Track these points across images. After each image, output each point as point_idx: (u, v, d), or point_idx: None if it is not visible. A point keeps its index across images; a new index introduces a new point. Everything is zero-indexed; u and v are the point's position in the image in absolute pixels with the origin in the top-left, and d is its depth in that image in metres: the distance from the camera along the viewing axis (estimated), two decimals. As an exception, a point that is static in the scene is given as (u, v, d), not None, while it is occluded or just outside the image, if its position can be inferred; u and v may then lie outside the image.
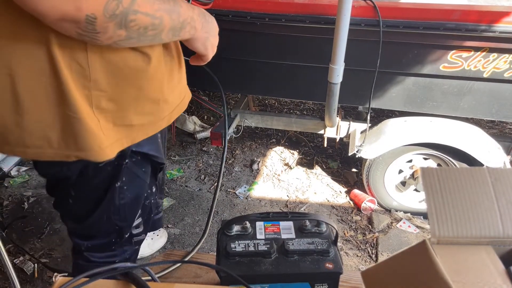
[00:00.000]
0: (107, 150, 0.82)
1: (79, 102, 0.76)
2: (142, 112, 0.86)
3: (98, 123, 0.80)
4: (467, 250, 0.57)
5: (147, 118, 0.88)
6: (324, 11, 1.90)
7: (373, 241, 2.20)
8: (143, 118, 0.87)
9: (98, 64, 0.75)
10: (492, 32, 1.78)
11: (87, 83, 0.76)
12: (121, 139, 0.86)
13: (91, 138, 0.79)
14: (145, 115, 0.88)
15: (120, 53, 0.77)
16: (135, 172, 0.96)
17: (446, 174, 0.61)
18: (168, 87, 0.91)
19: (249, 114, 2.59)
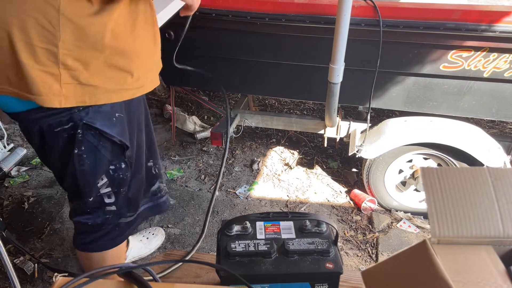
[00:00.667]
0: (55, 98, 0.96)
1: (41, 55, 0.92)
2: (106, 77, 1.00)
3: (59, 76, 0.95)
4: (467, 250, 0.57)
5: (110, 84, 1.02)
6: (324, 11, 1.90)
7: (373, 241, 2.20)
8: (108, 83, 1.01)
9: (68, 27, 0.91)
10: (492, 32, 1.78)
11: (56, 41, 0.92)
12: (83, 96, 0.99)
13: (44, 86, 0.94)
14: (110, 81, 1.01)
15: (88, 20, 0.93)
16: (94, 144, 1.08)
17: (446, 174, 0.61)
18: (134, 61, 1.04)
19: (249, 114, 2.59)
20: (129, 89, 1.07)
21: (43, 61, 0.93)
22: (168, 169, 2.73)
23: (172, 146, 2.98)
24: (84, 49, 0.95)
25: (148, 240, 2.06)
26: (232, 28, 2.04)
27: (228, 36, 2.10)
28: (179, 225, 2.28)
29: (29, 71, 0.93)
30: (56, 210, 2.34)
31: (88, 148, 1.07)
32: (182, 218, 2.33)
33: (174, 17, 1.53)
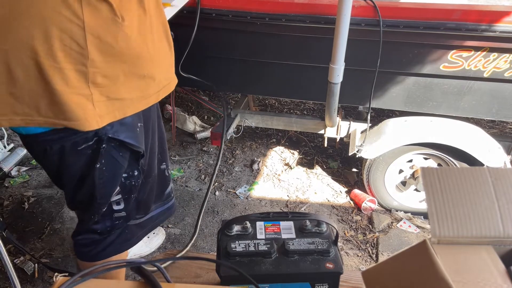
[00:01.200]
0: (93, 121, 0.94)
1: (72, 78, 0.89)
2: (132, 87, 0.99)
3: (90, 96, 0.92)
4: (468, 250, 0.57)
5: (135, 93, 1.00)
6: (324, 11, 1.90)
7: (374, 241, 2.20)
8: (132, 93, 0.99)
9: (95, 45, 0.88)
10: (492, 32, 1.78)
11: (84, 60, 0.89)
12: (113, 111, 0.97)
13: (79, 110, 0.91)
14: (134, 90, 0.99)
15: (113, 34, 0.90)
16: (113, 155, 1.05)
17: (446, 174, 0.61)
18: (155, 66, 1.03)
19: (249, 114, 2.59)
20: (152, 94, 1.06)
21: (74, 83, 0.90)
22: (168, 169, 2.73)
23: (172, 146, 2.98)
24: (111, 63, 0.93)
25: (149, 239, 2.06)
26: (232, 28, 2.04)
27: (228, 36, 2.10)
28: (179, 225, 2.28)
29: (62, 96, 0.89)
30: (56, 210, 2.34)
31: (108, 160, 1.05)
32: (182, 218, 2.33)
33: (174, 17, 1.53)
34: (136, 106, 1.02)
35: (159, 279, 0.67)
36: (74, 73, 0.89)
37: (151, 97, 1.06)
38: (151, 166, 1.24)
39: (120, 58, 0.93)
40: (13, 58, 0.85)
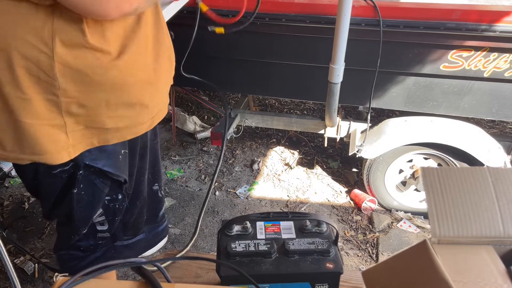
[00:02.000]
0: (64, 152, 0.87)
1: (42, 108, 0.81)
2: (115, 115, 0.89)
3: (64, 126, 0.85)
4: (468, 250, 0.57)
5: (123, 122, 0.91)
6: (324, 11, 1.90)
7: (374, 241, 2.20)
8: (119, 122, 0.91)
9: (67, 75, 0.80)
10: (492, 32, 1.78)
11: (55, 91, 0.81)
12: (91, 139, 0.90)
13: (48, 142, 0.84)
14: (121, 119, 0.91)
15: (87, 62, 0.81)
16: (92, 180, 0.98)
17: (446, 173, 0.61)
18: (148, 92, 0.94)
19: (250, 114, 2.59)
20: (145, 121, 0.97)
21: (45, 114, 0.82)
22: (168, 169, 2.73)
23: (172, 146, 2.98)
24: (88, 93, 0.84)
25: None
26: (232, 28, 2.04)
27: (228, 36, 2.10)
28: (179, 225, 2.28)
29: (29, 129, 0.81)
30: (56, 210, 2.34)
31: (86, 185, 0.98)
32: (182, 218, 2.33)
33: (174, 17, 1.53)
34: (123, 136, 0.94)
35: (159, 279, 0.67)
36: (44, 103, 0.81)
37: (143, 125, 0.96)
38: (138, 189, 1.15)
39: (99, 87, 0.85)
40: None
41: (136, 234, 1.25)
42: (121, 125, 0.92)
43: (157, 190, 1.25)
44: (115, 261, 0.69)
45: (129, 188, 1.10)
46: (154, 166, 1.19)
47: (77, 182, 0.96)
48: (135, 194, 1.14)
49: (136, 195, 1.15)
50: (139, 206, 1.18)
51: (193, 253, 1.88)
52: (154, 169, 1.20)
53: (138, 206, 1.18)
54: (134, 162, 1.07)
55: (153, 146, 1.15)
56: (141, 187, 1.15)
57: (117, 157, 0.98)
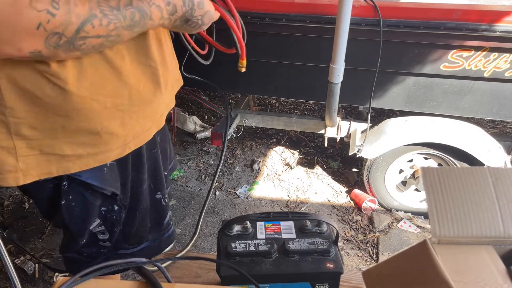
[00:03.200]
0: (10, 178, 0.81)
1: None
2: (75, 142, 0.83)
3: (13, 148, 0.79)
4: (468, 250, 0.57)
5: (85, 150, 0.85)
6: (324, 11, 1.90)
7: (374, 241, 2.20)
8: (79, 149, 0.84)
9: (13, 92, 0.74)
10: (492, 32, 1.77)
11: (3, 109, 0.75)
12: (48, 167, 0.84)
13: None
14: (81, 146, 0.84)
15: (36, 83, 0.73)
16: (81, 191, 0.94)
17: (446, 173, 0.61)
18: (115, 119, 0.86)
19: (250, 114, 2.59)
20: (114, 149, 0.89)
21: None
22: (169, 169, 2.73)
23: (172, 146, 2.98)
24: (41, 115, 0.77)
25: None
26: (232, 28, 2.04)
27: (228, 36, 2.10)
28: (179, 225, 2.28)
29: None
30: (56, 210, 2.35)
31: (76, 197, 0.94)
32: (183, 218, 2.34)
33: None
34: (86, 163, 0.87)
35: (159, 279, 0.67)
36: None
37: (111, 152, 0.89)
38: (137, 200, 1.10)
39: (53, 111, 0.77)
40: None
41: (140, 242, 1.22)
42: (83, 153, 0.85)
43: (161, 199, 1.21)
44: (115, 261, 0.69)
45: (124, 199, 1.05)
46: (155, 175, 1.15)
47: (63, 193, 0.92)
48: (134, 204, 1.10)
49: (135, 206, 1.11)
50: (139, 216, 1.14)
51: (193, 253, 1.88)
52: (156, 178, 1.15)
53: (138, 216, 1.13)
54: (127, 173, 1.02)
55: (152, 155, 1.09)
56: (139, 198, 1.10)
57: (101, 170, 0.92)
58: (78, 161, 0.85)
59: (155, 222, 1.23)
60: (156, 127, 1.00)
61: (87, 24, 0.65)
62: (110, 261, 0.95)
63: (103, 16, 0.67)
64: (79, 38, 0.66)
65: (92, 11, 0.65)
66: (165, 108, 1.03)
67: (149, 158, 1.08)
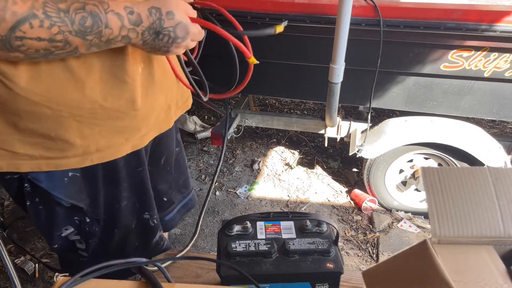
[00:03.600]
0: None
1: None
2: (28, 142, 0.80)
3: None
4: (468, 250, 0.57)
5: (37, 151, 0.81)
6: (324, 11, 1.90)
7: (374, 241, 2.20)
8: (31, 150, 0.81)
9: None
10: (492, 32, 1.77)
11: None
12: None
13: None
14: (34, 147, 0.81)
15: None
16: (48, 197, 0.91)
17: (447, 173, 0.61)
18: (72, 129, 0.81)
19: (250, 114, 2.59)
20: (70, 157, 0.84)
21: None
22: (169, 169, 2.73)
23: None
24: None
25: None
26: (232, 28, 2.04)
27: (228, 36, 2.10)
28: (179, 225, 2.28)
29: None
30: (56, 210, 2.35)
31: (41, 200, 0.91)
32: (183, 218, 2.33)
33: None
34: (37, 165, 0.83)
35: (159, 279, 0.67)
36: None
37: (68, 159, 0.84)
38: (114, 216, 1.04)
39: (4, 108, 0.75)
40: None
41: (126, 258, 1.10)
42: (35, 154, 0.81)
43: (149, 219, 1.13)
44: (115, 261, 0.69)
45: (96, 213, 0.99)
46: (141, 195, 1.08)
47: (27, 195, 0.89)
48: (111, 220, 1.04)
49: (112, 222, 1.04)
50: (118, 233, 1.07)
51: (193, 253, 1.88)
52: (142, 197, 1.08)
53: (117, 233, 1.07)
54: (97, 187, 0.96)
55: (136, 174, 1.02)
56: (118, 214, 1.04)
57: (62, 180, 0.88)
58: (30, 161, 0.82)
59: (143, 241, 1.16)
60: (134, 146, 0.94)
61: (25, 23, 0.60)
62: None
63: (46, 17, 0.62)
64: (15, 38, 0.61)
65: (33, 11, 0.61)
66: (149, 128, 0.96)
67: (130, 175, 1.01)
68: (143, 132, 0.94)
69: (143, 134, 0.95)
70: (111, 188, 0.99)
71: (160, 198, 1.23)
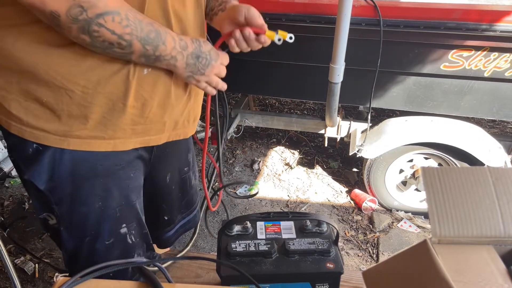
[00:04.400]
0: None
1: None
2: (23, 106, 0.81)
3: None
4: (468, 250, 0.57)
5: (28, 117, 0.82)
6: (324, 11, 1.90)
7: (374, 241, 2.20)
8: (23, 113, 0.82)
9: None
10: (492, 32, 1.77)
11: None
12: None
13: None
14: (26, 112, 0.82)
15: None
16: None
17: (447, 173, 0.61)
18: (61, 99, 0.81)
19: (250, 114, 2.59)
20: (50, 133, 0.83)
21: None
22: (169, 169, 2.73)
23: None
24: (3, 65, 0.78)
25: None
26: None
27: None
28: (179, 225, 2.28)
29: None
30: (56, 210, 2.34)
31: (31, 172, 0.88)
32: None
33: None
34: (21, 131, 0.84)
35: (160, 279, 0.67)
36: None
37: (48, 135, 0.84)
38: (80, 224, 0.95)
39: (8, 62, 0.78)
40: None
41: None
42: (24, 119, 0.82)
43: (126, 234, 1.00)
44: (115, 261, 0.69)
45: (62, 213, 0.93)
46: (122, 204, 0.97)
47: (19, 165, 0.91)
48: (74, 226, 0.96)
49: (79, 230, 0.96)
50: (88, 246, 0.98)
51: (194, 253, 1.88)
52: (124, 208, 0.98)
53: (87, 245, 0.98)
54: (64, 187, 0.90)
55: (119, 176, 0.95)
56: (86, 223, 0.95)
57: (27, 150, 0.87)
58: (18, 125, 0.83)
59: (121, 257, 1.02)
60: (114, 146, 0.90)
61: (109, 15, 0.70)
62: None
63: (126, 18, 0.72)
64: (96, 24, 0.70)
65: (119, 9, 0.71)
66: (136, 134, 0.92)
67: (111, 177, 0.94)
68: (128, 134, 0.90)
69: (127, 137, 0.90)
70: (90, 193, 0.93)
71: (161, 216, 1.19)
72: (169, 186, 1.16)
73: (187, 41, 0.84)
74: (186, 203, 1.26)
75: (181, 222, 1.27)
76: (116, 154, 0.92)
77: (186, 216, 1.28)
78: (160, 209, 1.18)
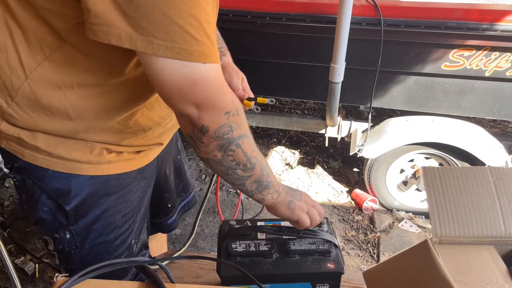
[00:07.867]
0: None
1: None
2: (19, 110, 0.81)
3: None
4: (469, 250, 0.57)
5: (20, 122, 0.83)
6: (325, 10, 1.90)
7: (375, 241, 2.20)
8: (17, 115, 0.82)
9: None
10: (493, 31, 1.77)
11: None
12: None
13: None
14: (21, 114, 0.82)
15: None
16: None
17: (447, 173, 0.61)
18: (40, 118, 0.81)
19: (250, 114, 2.59)
20: (28, 148, 0.88)
21: None
22: (169, 169, 2.73)
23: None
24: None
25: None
26: (232, 27, 2.03)
27: (228, 35, 2.10)
28: (179, 225, 2.28)
29: None
30: (57, 210, 2.34)
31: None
32: (183, 218, 2.33)
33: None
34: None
35: (159, 279, 0.67)
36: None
37: (23, 151, 0.89)
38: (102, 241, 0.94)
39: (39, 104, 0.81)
40: None
41: None
42: (17, 123, 0.82)
43: (133, 245, 1.00)
44: (116, 260, 0.69)
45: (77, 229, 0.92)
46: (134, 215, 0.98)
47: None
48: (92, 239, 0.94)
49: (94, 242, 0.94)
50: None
51: (194, 252, 1.88)
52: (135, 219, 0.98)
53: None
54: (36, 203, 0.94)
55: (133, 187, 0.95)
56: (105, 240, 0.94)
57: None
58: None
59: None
60: (138, 163, 0.93)
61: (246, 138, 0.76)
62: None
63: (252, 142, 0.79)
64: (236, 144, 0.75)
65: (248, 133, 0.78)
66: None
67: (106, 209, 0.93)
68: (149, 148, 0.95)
69: (146, 152, 0.95)
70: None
71: (165, 205, 1.25)
72: (169, 176, 1.20)
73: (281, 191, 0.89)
74: (183, 187, 1.32)
75: (181, 204, 1.34)
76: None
77: (185, 198, 1.35)
78: (164, 199, 1.22)
